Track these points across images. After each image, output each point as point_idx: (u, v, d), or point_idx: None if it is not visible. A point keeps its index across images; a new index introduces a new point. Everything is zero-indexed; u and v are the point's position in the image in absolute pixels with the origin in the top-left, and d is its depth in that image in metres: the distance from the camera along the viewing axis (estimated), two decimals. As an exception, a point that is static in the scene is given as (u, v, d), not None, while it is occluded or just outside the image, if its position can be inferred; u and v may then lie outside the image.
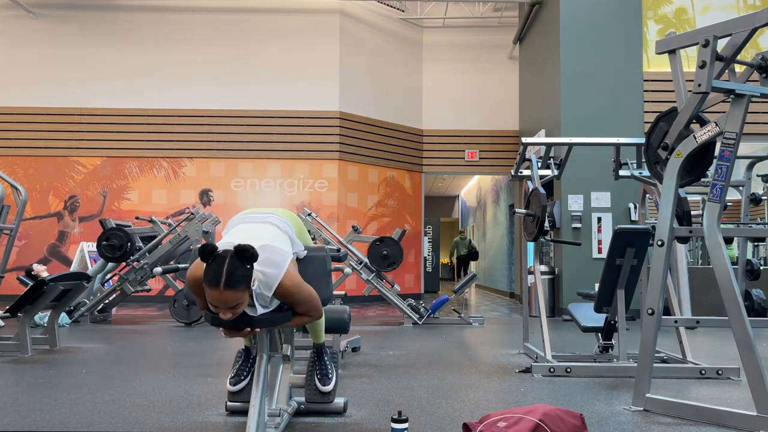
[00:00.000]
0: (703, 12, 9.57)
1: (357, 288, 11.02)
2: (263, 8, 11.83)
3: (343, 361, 4.88)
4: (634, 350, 4.60)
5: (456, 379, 4.24)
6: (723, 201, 3.15)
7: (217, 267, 2.10)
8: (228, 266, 2.09)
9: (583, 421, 2.65)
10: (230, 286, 2.09)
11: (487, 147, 12.76)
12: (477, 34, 13.01)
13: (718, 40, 3.02)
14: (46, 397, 3.59)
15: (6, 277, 7.70)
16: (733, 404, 3.48)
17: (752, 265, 7.71)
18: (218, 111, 11.59)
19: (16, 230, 6.32)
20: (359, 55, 12.05)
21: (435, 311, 7.86)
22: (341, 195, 11.58)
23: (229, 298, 2.11)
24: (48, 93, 11.61)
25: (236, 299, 2.13)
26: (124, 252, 7.66)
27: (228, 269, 2.09)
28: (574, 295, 8.56)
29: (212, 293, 2.11)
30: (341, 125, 11.66)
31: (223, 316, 2.17)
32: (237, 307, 2.15)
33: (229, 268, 2.09)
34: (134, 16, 11.80)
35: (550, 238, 5.47)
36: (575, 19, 9.45)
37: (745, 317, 3.02)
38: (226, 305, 2.13)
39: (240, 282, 2.11)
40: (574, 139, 5.24)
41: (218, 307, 2.15)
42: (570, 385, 3.99)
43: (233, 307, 2.14)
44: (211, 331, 7.08)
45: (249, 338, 2.90)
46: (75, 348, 5.65)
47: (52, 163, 11.52)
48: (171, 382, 4.03)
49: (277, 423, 2.70)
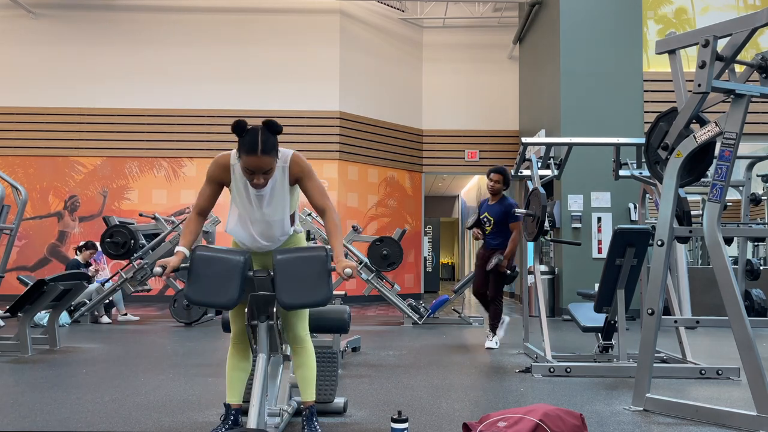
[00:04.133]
0: (703, 12, 9.57)
1: (357, 288, 11.02)
2: (263, 8, 11.83)
3: (343, 361, 4.88)
4: (634, 350, 4.60)
5: (456, 379, 4.24)
6: (723, 201, 3.15)
7: (253, 137, 2.44)
8: (261, 135, 2.45)
9: (583, 421, 2.65)
10: (265, 151, 2.44)
11: (487, 147, 12.76)
12: (477, 34, 13.01)
13: (718, 40, 3.02)
14: (46, 397, 3.59)
15: (6, 277, 7.70)
16: (733, 404, 3.48)
17: (752, 265, 7.71)
18: (218, 111, 11.59)
19: (16, 230, 6.32)
20: (359, 55, 12.05)
21: (435, 311, 7.86)
22: (341, 195, 11.58)
23: (265, 162, 2.46)
24: (48, 93, 11.61)
25: (270, 164, 2.49)
26: (128, 249, 7.66)
27: (262, 138, 2.45)
28: (574, 295, 8.55)
29: (250, 159, 2.44)
30: (341, 125, 11.66)
31: (257, 181, 2.50)
32: (269, 172, 2.51)
33: (263, 137, 2.45)
34: (134, 16, 11.80)
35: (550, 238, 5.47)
36: (575, 19, 9.44)
37: (745, 317, 3.02)
38: (261, 169, 2.47)
39: (272, 149, 2.48)
40: (574, 139, 5.23)
41: (254, 173, 2.48)
42: (570, 385, 3.99)
43: (266, 172, 2.49)
44: (211, 331, 7.08)
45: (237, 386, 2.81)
46: (75, 348, 5.65)
47: (52, 163, 11.52)
48: (171, 382, 4.03)
49: (277, 423, 2.70)
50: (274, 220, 2.66)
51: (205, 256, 2.53)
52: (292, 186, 2.69)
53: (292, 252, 2.58)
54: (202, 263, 2.52)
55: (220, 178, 2.64)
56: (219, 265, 2.52)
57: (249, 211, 2.65)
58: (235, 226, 2.71)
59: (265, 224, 2.66)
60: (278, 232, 2.69)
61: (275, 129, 2.49)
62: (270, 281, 2.55)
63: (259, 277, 2.55)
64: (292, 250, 2.61)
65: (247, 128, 2.47)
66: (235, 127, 2.45)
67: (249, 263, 2.59)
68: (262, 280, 2.55)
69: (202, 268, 2.51)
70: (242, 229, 2.69)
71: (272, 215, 2.65)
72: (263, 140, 2.44)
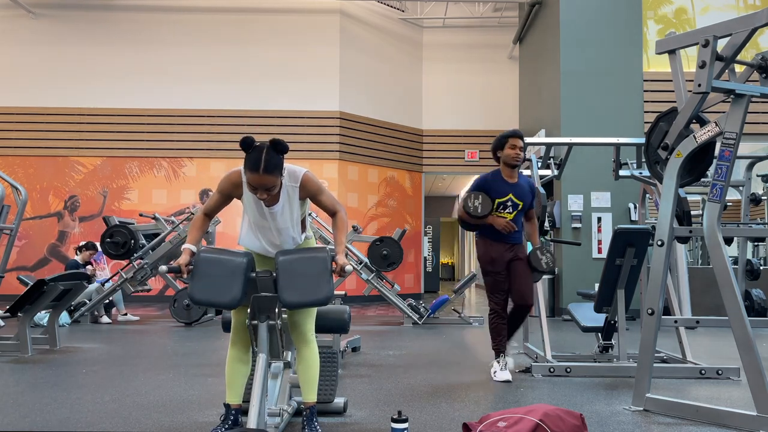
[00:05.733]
0: (703, 12, 9.57)
1: (357, 288, 11.02)
2: (263, 8, 11.83)
3: (343, 361, 4.88)
4: (634, 350, 4.60)
5: (456, 379, 4.24)
6: (723, 201, 3.15)
7: (257, 155, 2.48)
8: (266, 155, 2.48)
9: (583, 421, 2.65)
10: (267, 170, 2.48)
11: (487, 147, 12.71)
12: (477, 34, 13.01)
13: (718, 40, 3.02)
14: (46, 397, 3.59)
15: (6, 277, 7.70)
16: (733, 404, 3.48)
17: (752, 265, 7.71)
18: (218, 111, 11.59)
19: (16, 230, 6.33)
20: (359, 55, 12.05)
21: (435, 311, 7.86)
22: (341, 195, 11.57)
23: (267, 180, 2.50)
24: (48, 93, 11.60)
25: (272, 182, 2.52)
26: (128, 249, 7.65)
27: (266, 157, 2.48)
28: (574, 295, 8.56)
29: (253, 176, 2.49)
30: (341, 125, 11.66)
31: (260, 196, 2.55)
32: (272, 189, 2.55)
33: (267, 156, 2.48)
34: (134, 16, 11.80)
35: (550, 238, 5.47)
36: (575, 19, 9.44)
37: (745, 317, 3.02)
38: (263, 187, 2.51)
39: (275, 168, 2.50)
40: (574, 139, 5.24)
41: (257, 189, 2.53)
42: (570, 385, 3.99)
43: (269, 189, 2.53)
44: (211, 331, 7.08)
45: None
46: (75, 348, 5.65)
47: (52, 163, 11.52)
48: (171, 382, 4.03)
49: (277, 423, 2.70)
50: (285, 232, 2.75)
51: (209, 257, 2.59)
52: (302, 200, 2.77)
53: (294, 252, 2.63)
54: (205, 263, 2.57)
55: (230, 192, 2.72)
56: (222, 266, 2.56)
57: (261, 224, 2.74)
58: (246, 236, 2.82)
59: (277, 235, 2.75)
60: (289, 242, 2.78)
61: (281, 148, 2.52)
62: (272, 282, 2.58)
63: (261, 278, 2.58)
64: (294, 250, 2.66)
65: (254, 145, 2.51)
66: (243, 144, 2.50)
67: (252, 264, 2.62)
68: (264, 281, 2.59)
69: (205, 268, 2.56)
70: (254, 239, 2.79)
71: (283, 228, 2.74)
72: (266, 159, 2.48)
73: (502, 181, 4.16)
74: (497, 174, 4.18)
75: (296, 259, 2.58)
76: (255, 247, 2.80)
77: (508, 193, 4.14)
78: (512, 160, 4.12)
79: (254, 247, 2.80)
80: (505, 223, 4.08)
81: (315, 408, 2.78)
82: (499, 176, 4.17)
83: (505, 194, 4.14)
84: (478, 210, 4.07)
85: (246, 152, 2.52)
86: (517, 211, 4.18)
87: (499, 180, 4.16)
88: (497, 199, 4.12)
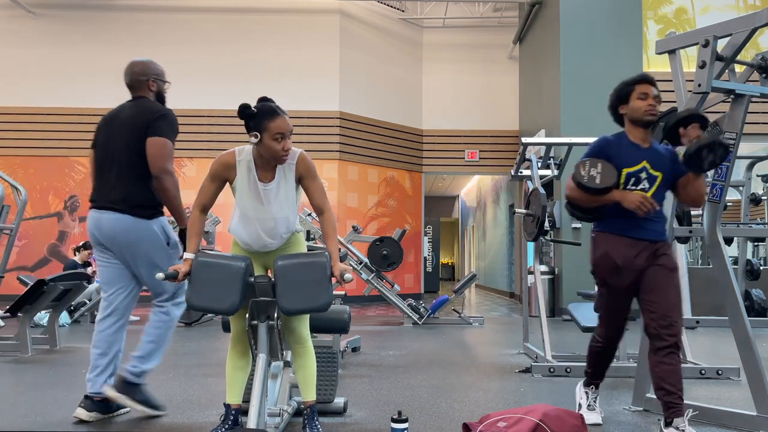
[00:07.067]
0: (703, 12, 9.58)
1: (357, 288, 11.02)
2: (263, 8, 11.83)
3: (343, 361, 4.88)
4: (634, 350, 4.60)
5: (456, 379, 4.24)
6: (723, 201, 3.15)
7: (267, 104, 2.58)
8: (273, 103, 2.61)
9: (583, 421, 2.65)
10: (284, 111, 2.61)
11: (487, 147, 12.76)
12: (477, 34, 13.01)
13: (718, 40, 3.02)
14: (46, 397, 3.59)
15: (6, 277, 7.70)
16: (733, 404, 3.48)
17: (752, 265, 7.71)
18: (218, 111, 11.59)
19: (16, 230, 6.32)
20: (359, 55, 12.05)
21: (435, 311, 7.86)
22: (341, 195, 11.58)
23: (289, 122, 2.60)
24: (48, 93, 11.61)
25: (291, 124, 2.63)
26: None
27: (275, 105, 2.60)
28: (574, 295, 8.56)
29: (278, 122, 2.56)
30: (341, 125, 11.66)
31: (285, 147, 2.58)
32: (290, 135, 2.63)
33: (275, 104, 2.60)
34: (134, 16, 11.80)
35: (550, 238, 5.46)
36: (575, 19, 9.45)
37: (745, 317, 3.02)
38: (290, 130, 2.59)
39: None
40: (574, 139, 5.24)
41: (285, 137, 2.58)
42: (570, 385, 3.99)
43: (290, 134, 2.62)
44: (211, 331, 7.08)
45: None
46: (75, 348, 5.65)
47: (52, 163, 11.53)
48: (171, 382, 4.03)
49: (277, 423, 2.70)
50: (278, 217, 2.68)
51: (206, 262, 2.53)
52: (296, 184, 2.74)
53: (292, 258, 2.57)
54: (203, 269, 2.51)
55: (223, 175, 2.68)
56: (220, 271, 2.51)
57: (255, 207, 2.67)
58: (237, 225, 2.73)
59: (271, 221, 2.68)
60: (283, 228, 2.71)
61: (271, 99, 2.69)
62: (271, 287, 2.55)
63: (260, 283, 2.55)
64: (292, 255, 2.60)
65: (252, 106, 2.59)
66: (242, 110, 2.55)
67: (250, 269, 2.58)
68: (263, 286, 2.55)
69: (203, 273, 2.51)
70: (245, 227, 2.70)
71: (278, 212, 2.68)
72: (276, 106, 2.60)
73: (631, 146, 2.89)
74: (622, 137, 2.93)
75: (295, 265, 2.53)
76: (245, 236, 2.72)
77: (641, 160, 2.86)
78: (645, 114, 2.86)
79: (244, 236, 2.72)
80: (641, 199, 2.75)
81: (315, 407, 2.77)
82: (625, 139, 2.91)
83: (637, 162, 2.86)
84: (595, 180, 2.78)
85: (250, 113, 2.56)
86: (657, 187, 2.87)
87: (627, 144, 2.90)
88: (625, 169, 2.85)
